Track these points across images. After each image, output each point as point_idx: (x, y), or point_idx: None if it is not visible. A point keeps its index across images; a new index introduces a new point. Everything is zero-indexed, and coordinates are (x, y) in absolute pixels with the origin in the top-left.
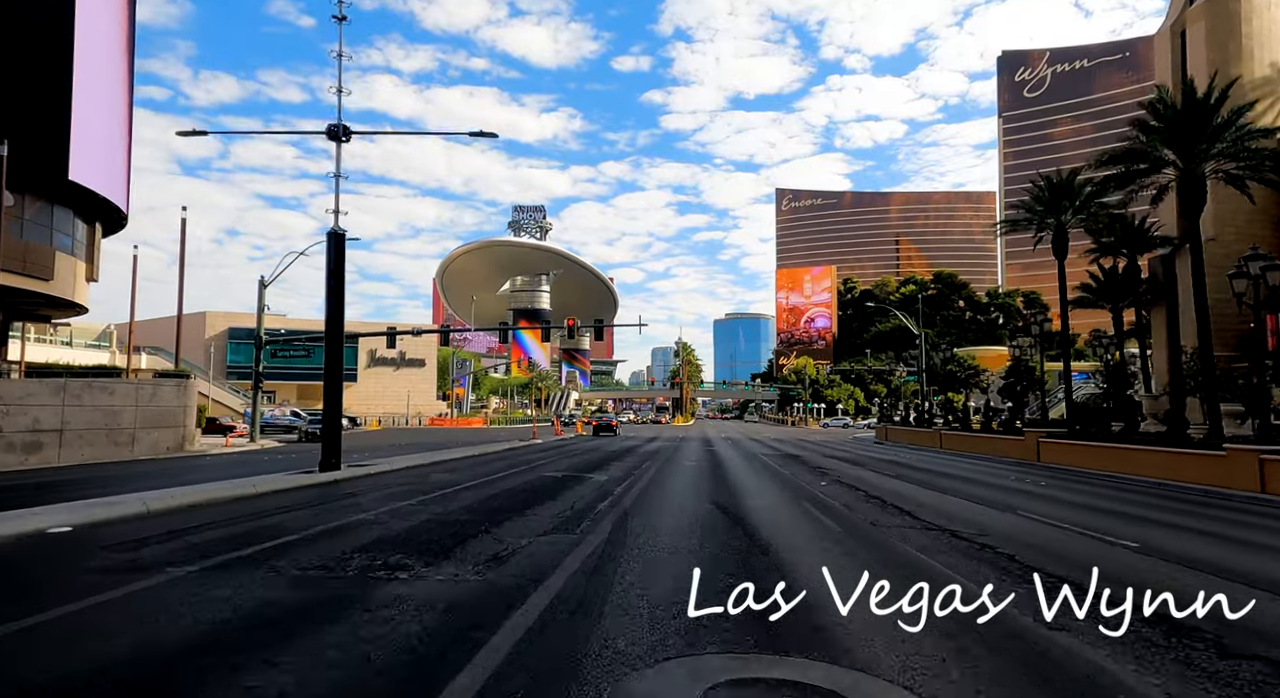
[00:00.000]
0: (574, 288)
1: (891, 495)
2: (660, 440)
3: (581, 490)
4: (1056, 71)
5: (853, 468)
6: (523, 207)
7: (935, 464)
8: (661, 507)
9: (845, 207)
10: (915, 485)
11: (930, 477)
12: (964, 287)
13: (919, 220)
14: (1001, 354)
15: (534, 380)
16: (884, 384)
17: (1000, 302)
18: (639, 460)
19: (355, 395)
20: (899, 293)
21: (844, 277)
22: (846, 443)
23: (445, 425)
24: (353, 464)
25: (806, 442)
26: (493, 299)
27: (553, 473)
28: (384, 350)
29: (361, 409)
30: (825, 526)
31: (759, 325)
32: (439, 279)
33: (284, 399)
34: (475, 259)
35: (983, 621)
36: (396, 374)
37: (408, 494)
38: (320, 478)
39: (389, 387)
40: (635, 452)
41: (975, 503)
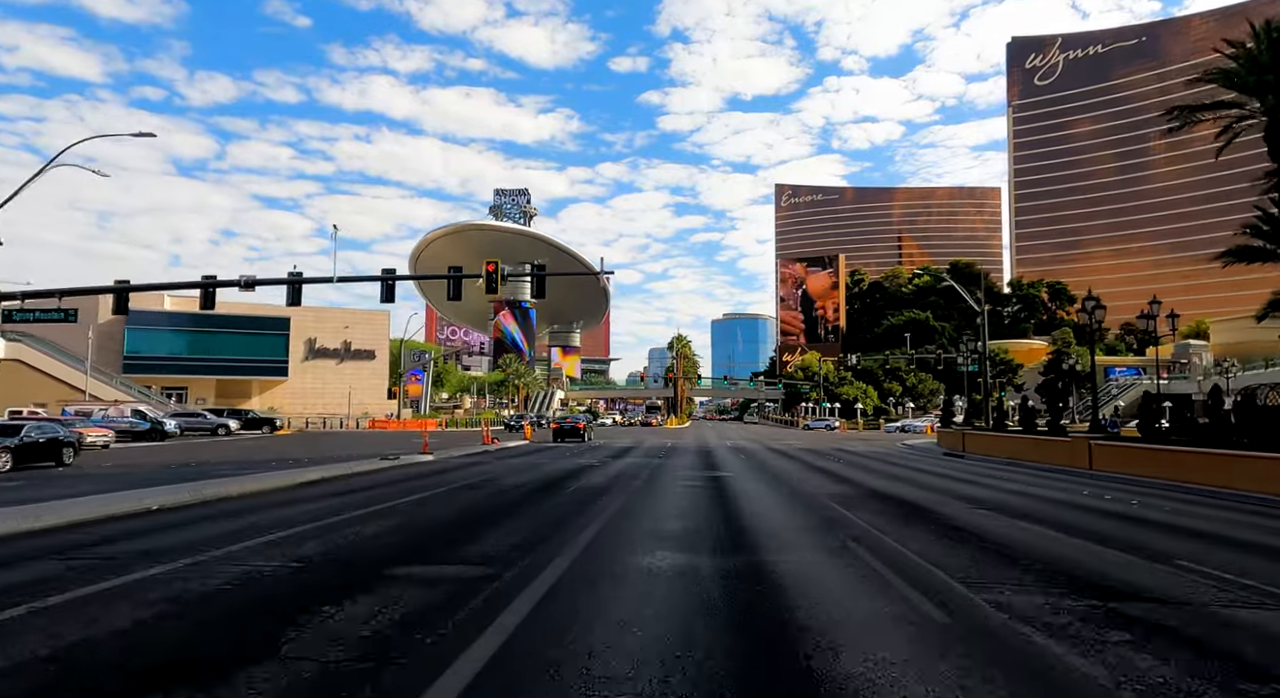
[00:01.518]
0: (561, 280)
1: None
2: (637, 453)
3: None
4: (1069, 58)
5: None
6: (504, 190)
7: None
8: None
9: (846, 202)
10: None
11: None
12: (984, 276)
13: (921, 217)
14: (1034, 348)
15: (510, 377)
16: (898, 382)
17: (1024, 293)
18: (551, 522)
19: (288, 393)
20: (911, 284)
21: (849, 271)
22: (921, 457)
23: (390, 427)
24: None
25: (860, 456)
26: (472, 290)
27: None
28: (325, 339)
29: (296, 409)
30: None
31: (757, 326)
32: (411, 267)
33: (199, 397)
34: (451, 245)
35: None
36: (340, 368)
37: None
38: None
39: (331, 382)
40: (578, 481)
41: None
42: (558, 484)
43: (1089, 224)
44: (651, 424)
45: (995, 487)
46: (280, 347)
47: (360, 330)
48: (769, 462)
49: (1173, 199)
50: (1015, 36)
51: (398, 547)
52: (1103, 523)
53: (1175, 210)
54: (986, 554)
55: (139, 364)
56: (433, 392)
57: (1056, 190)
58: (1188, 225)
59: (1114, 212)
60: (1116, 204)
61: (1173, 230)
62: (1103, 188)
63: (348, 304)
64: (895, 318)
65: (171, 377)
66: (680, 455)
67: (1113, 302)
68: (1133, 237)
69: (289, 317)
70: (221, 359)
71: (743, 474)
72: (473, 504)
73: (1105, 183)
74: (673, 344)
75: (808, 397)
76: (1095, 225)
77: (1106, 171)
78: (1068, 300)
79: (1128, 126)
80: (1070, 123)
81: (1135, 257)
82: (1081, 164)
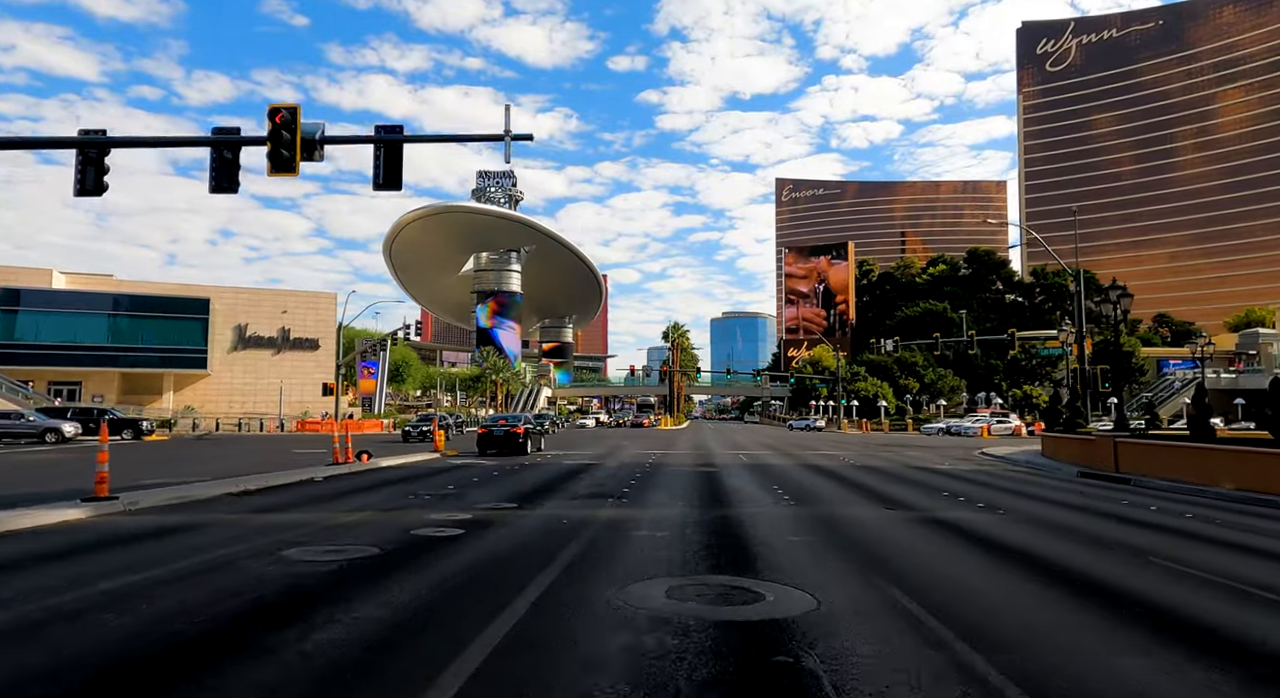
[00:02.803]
0: (552, 270)
1: None
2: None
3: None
4: (1083, 43)
5: None
6: (488, 173)
7: None
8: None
9: (848, 197)
10: None
11: None
12: (1003, 265)
13: (924, 212)
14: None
15: (487, 373)
16: (914, 378)
17: (1050, 282)
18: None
19: (213, 389)
20: (926, 274)
21: (857, 261)
22: (1067, 486)
23: (325, 430)
24: None
25: (983, 486)
26: (455, 281)
27: None
28: (258, 327)
29: (221, 407)
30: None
31: (757, 324)
32: (386, 254)
33: (97, 395)
34: (430, 230)
35: None
36: (278, 360)
37: None
38: None
39: (267, 377)
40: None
41: None
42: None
43: (1105, 215)
44: (643, 425)
45: None
46: (197, 333)
47: (301, 316)
48: (810, 489)
49: (1195, 189)
50: (1026, 21)
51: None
52: None
53: (1198, 200)
54: None
55: (22, 354)
56: (400, 389)
57: (1071, 180)
58: (1212, 215)
59: (1132, 202)
60: (1135, 194)
61: (1195, 221)
62: (1120, 177)
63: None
64: (910, 309)
65: (64, 369)
66: (664, 486)
67: (1135, 295)
68: (1152, 227)
69: (208, 298)
70: (126, 349)
71: (835, 574)
72: None
73: (1122, 172)
74: (668, 334)
75: (817, 394)
76: (1112, 216)
77: (1124, 160)
78: (1097, 290)
79: (1147, 113)
80: (1085, 110)
81: (1155, 248)
82: (1097, 153)
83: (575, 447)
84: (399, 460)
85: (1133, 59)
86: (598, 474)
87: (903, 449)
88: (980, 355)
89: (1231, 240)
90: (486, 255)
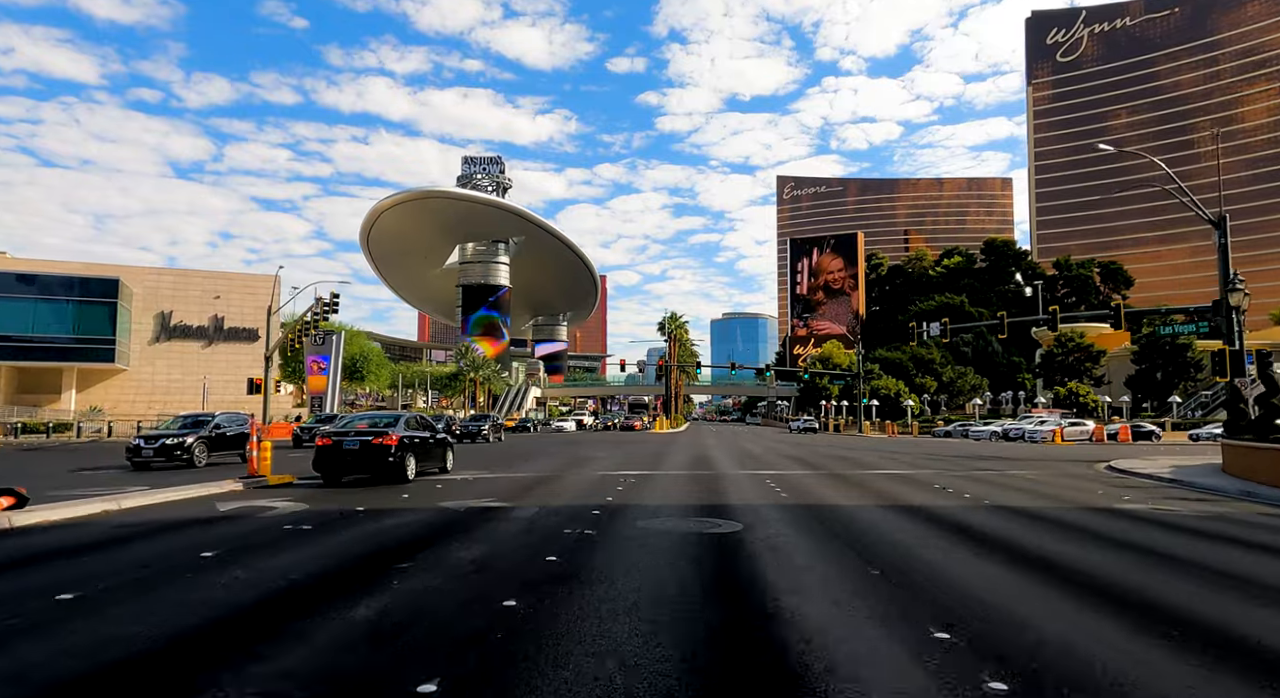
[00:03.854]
0: (545, 264)
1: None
2: (369, 608)
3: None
4: (1095, 32)
5: None
6: (474, 158)
7: None
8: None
9: (850, 195)
10: None
11: None
12: (1024, 256)
13: (928, 210)
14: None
15: (464, 370)
16: (931, 376)
17: (1074, 274)
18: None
19: (127, 387)
20: (940, 266)
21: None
22: None
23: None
24: None
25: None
26: (441, 275)
27: None
28: (186, 314)
29: (139, 408)
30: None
31: (758, 325)
32: (363, 244)
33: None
34: (410, 218)
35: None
36: (210, 353)
37: None
38: None
39: (195, 371)
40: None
41: None
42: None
43: (1120, 209)
44: (634, 427)
45: None
46: (104, 321)
47: (238, 302)
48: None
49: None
50: (1035, 10)
51: None
52: None
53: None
54: None
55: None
56: (366, 387)
57: (1084, 174)
58: (1237, 208)
59: (1148, 195)
60: (1151, 187)
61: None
62: (1135, 169)
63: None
64: (924, 303)
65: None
66: (586, 633)
67: (1153, 292)
68: (1172, 222)
69: (117, 278)
70: (13, 339)
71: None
72: None
73: (1139, 164)
74: (664, 326)
75: (828, 393)
76: (1127, 210)
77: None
78: (1124, 282)
79: (1164, 104)
80: (1099, 102)
81: (1174, 243)
82: (1112, 145)
83: (515, 463)
84: (134, 503)
85: (1148, 48)
86: (467, 549)
87: (990, 465)
88: (1002, 352)
89: (1256, 234)
90: (473, 246)
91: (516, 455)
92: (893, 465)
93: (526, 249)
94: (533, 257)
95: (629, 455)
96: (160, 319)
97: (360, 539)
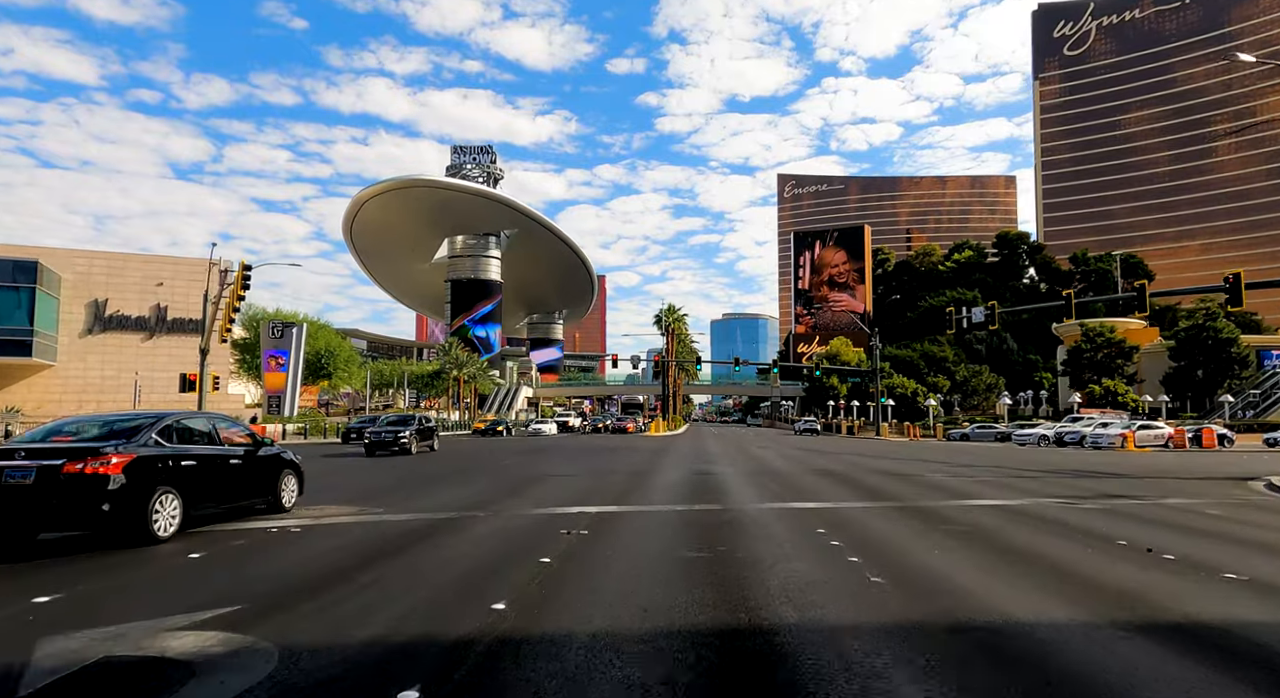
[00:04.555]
0: (539, 259)
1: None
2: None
3: None
4: (1104, 25)
5: None
6: (464, 147)
7: None
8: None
9: (852, 193)
10: None
11: None
12: (1039, 249)
13: (930, 209)
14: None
15: (447, 367)
16: (943, 375)
17: (1092, 268)
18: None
19: (53, 385)
20: (950, 261)
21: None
22: None
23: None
24: None
25: None
26: (430, 269)
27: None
28: (124, 303)
29: (69, 409)
30: None
31: (758, 326)
32: (347, 236)
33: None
34: (395, 209)
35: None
36: (151, 346)
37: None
38: None
39: (134, 367)
40: None
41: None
42: None
43: (1132, 205)
44: (627, 430)
45: None
46: (20, 310)
47: (183, 290)
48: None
49: (1230, 176)
50: (1042, 2)
51: None
52: None
53: (1235, 188)
54: None
55: None
56: (331, 385)
57: (1093, 169)
58: (1250, 203)
59: (1159, 192)
60: (1162, 183)
61: (1228, 211)
62: (1146, 165)
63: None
64: (935, 299)
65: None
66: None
67: (1167, 289)
68: (1185, 218)
69: (35, 261)
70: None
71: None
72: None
73: (1149, 159)
74: (660, 319)
75: (837, 392)
76: (1137, 207)
77: (1152, 148)
78: (1145, 276)
79: (1173, 98)
80: (1108, 96)
81: (1185, 240)
82: (1122, 140)
83: (422, 490)
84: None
85: (1159, 41)
86: None
87: (1108, 487)
88: (1017, 350)
89: (1275, 230)
90: (462, 240)
91: (436, 476)
92: (980, 489)
93: (519, 243)
94: (526, 251)
95: (601, 474)
96: (93, 309)
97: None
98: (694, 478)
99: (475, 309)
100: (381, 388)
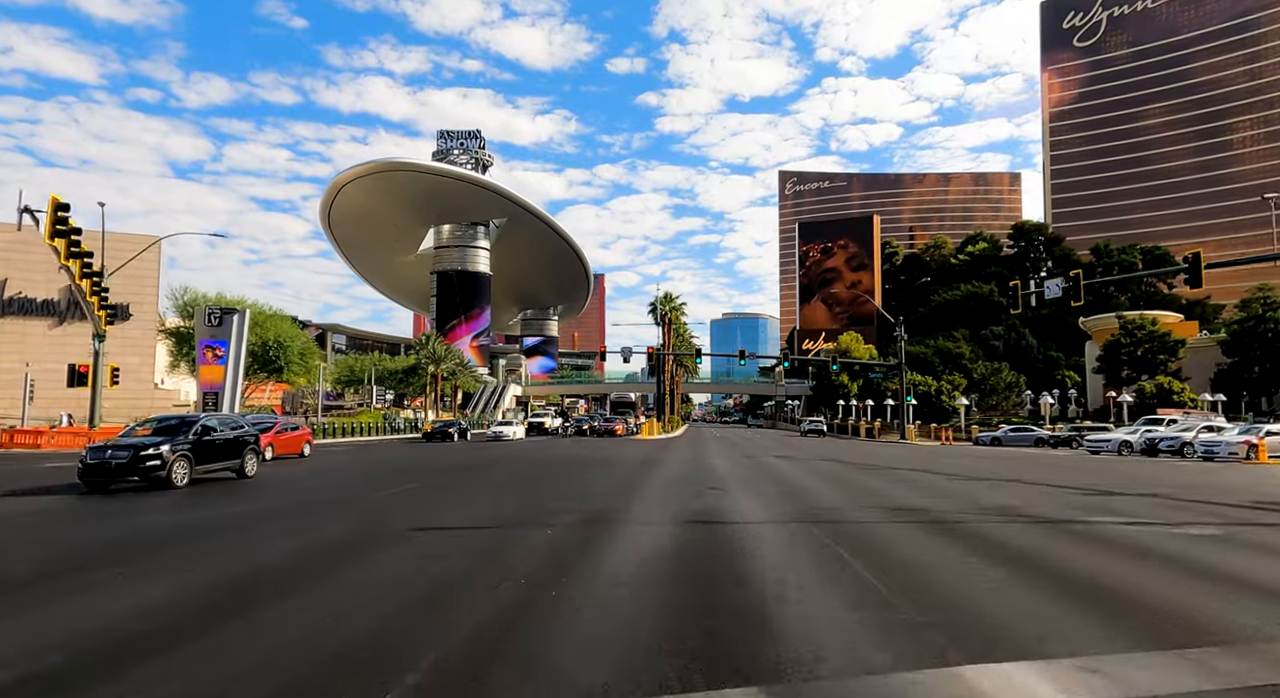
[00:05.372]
0: (530, 251)
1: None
2: None
3: None
4: (1114, 15)
5: None
6: (451, 132)
7: None
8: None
9: (854, 190)
10: None
11: None
12: (1057, 241)
13: (933, 208)
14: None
15: (423, 362)
16: (960, 373)
17: (1113, 261)
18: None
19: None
20: (964, 253)
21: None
22: None
23: (45, 445)
24: None
25: None
26: (415, 261)
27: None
28: (29, 284)
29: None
30: None
31: (758, 325)
32: (324, 224)
33: None
34: (376, 195)
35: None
36: (63, 334)
37: None
38: None
39: (40, 359)
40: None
41: None
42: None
43: (1142, 201)
44: (615, 432)
45: None
46: None
47: (106, 269)
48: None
49: (1247, 170)
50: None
51: None
52: None
53: (1251, 183)
54: None
55: None
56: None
57: (1103, 164)
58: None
59: (1173, 186)
60: (1180, 177)
61: (1248, 205)
62: (1159, 159)
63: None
64: (948, 293)
65: None
66: None
67: (1182, 288)
68: (1200, 213)
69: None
70: None
71: None
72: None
73: (1162, 153)
74: (656, 308)
75: (846, 391)
76: (1150, 202)
77: (1166, 141)
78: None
79: (1187, 90)
80: (1120, 88)
81: (1199, 237)
82: (1135, 133)
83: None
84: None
85: (1171, 32)
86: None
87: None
88: (1037, 347)
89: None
90: (449, 229)
91: (79, 563)
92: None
93: (511, 234)
94: (518, 242)
95: (512, 532)
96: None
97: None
98: (688, 542)
99: (468, 327)
100: (353, 386)
